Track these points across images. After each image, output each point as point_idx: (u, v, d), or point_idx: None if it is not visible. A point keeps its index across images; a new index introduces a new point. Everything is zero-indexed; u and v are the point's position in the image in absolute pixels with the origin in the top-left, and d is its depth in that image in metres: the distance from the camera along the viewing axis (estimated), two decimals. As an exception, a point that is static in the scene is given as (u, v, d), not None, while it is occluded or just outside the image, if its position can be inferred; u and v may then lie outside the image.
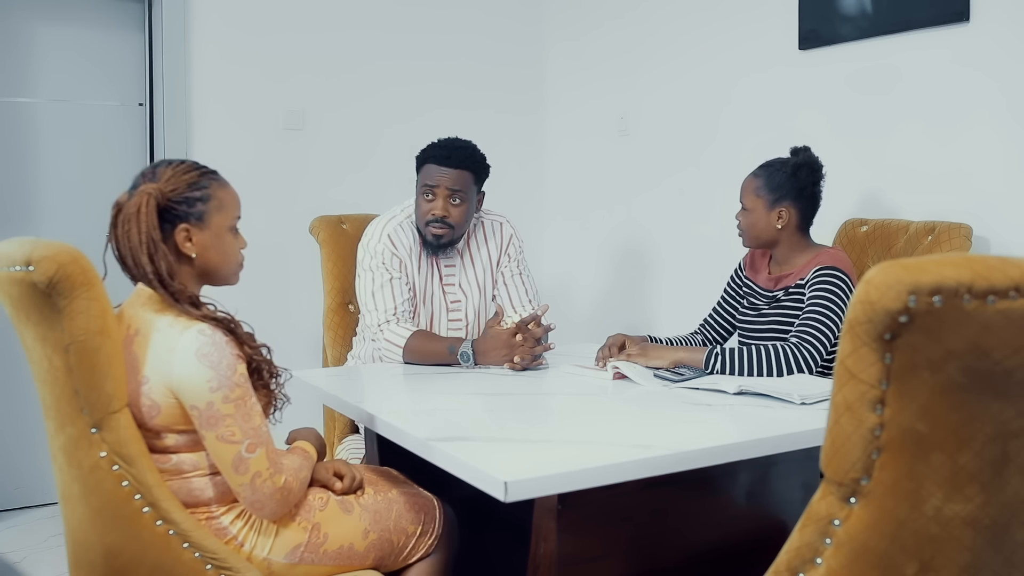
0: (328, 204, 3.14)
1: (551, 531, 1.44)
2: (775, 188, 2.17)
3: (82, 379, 1.33)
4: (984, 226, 2.30)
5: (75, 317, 1.30)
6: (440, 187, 2.29)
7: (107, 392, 1.34)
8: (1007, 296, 0.82)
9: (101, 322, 1.33)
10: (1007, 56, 2.29)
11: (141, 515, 1.37)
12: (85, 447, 1.35)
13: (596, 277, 3.76)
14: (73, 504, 1.41)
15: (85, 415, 1.34)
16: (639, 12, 3.47)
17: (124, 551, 1.38)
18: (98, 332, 1.33)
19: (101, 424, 1.34)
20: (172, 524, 1.38)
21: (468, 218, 2.35)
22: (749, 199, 2.21)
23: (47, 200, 3.28)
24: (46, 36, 3.24)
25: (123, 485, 1.35)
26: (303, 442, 1.69)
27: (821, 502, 0.93)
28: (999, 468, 0.89)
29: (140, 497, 1.36)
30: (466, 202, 2.31)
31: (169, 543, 1.38)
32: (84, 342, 1.31)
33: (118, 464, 1.35)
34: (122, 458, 1.35)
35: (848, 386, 0.87)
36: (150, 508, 1.37)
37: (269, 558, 1.50)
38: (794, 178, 2.17)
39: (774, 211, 2.18)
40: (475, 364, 2.15)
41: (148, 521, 1.37)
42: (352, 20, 3.56)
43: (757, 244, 2.25)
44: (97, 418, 1.34)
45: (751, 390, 1.80)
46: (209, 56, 3.34)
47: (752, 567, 1.24)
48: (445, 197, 2.29)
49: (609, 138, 3.65)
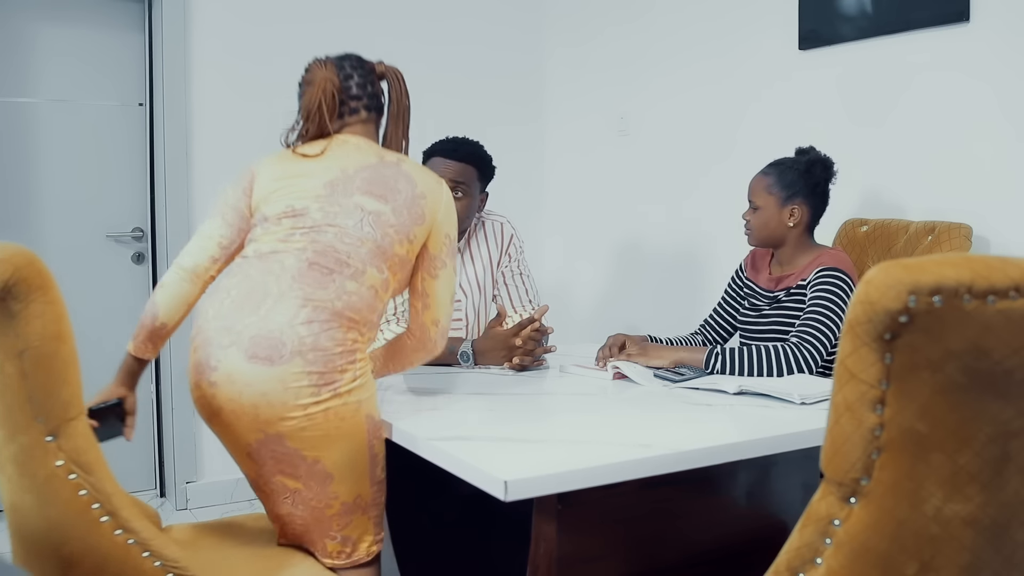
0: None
1: (551, 531, 1.44)
2: (787, 185, 2.17)
3: (37, 386, 1.26)
4: (984, 226, 2.30)
5: (31, 322, 1.24)
6: (444, 179, 2.29)
7: (64, 399, 1.28)
8: (1007, 296, 0.82)
9: (57, 327, 1.27)
10: (1007, 56, 2.29)
11: (100, 524, 1.32)
12: (40, 456, 1.28)
13: (596, 277, 3.76)
14: (24, 515, 1.35)
15: (40, 423, 1.27)
16: (638, 13, 3.47)
17: (83, 561, 1.33)
18: (55, 337, 1.26)
19: (58, 432, 1.28)
20: (132, 533, 1.34)
21: (469, 213, 2.34)
22: (760, 197, 2.20)
23: (47, 200, 3.28)
24: (46, 36, 3.24)
25: (81, 494, 1.30)
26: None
27: (821, 502, 0.93)
28: (999, 468, 0.89)
29: (99, 506, 1.31)
30: (468, 196, 2.31)
31: (129, 552, 1.34)
32: (40, 347, 1.25)
33: (76, 472, 1.29)
34: (80, 466, 1.30)
35: (848, 386, 0.87)
36: (109, 517, 1.32)
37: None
38: (808, 175, 2.17)
39: (786, 208, 2.17)
40: (475, 364, 2.15)
41: (107, 530, 1.32)
42: (352, 21, 3.56)
43: (766, 243, 2.24)
44: (53, 426, 1.28)
45: (751, 390, 1.80)
46: (209, 56, 3.34)
47: (752, 567, 1.24)
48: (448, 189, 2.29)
49: (609, 139, 3.65)
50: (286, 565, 1.64)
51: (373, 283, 1.63)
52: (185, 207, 3.31)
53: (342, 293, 1.59)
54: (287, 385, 1.51)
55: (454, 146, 2.33)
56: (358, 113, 1.80)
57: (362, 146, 1.76)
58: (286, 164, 1.72)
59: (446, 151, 2.32)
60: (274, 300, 1.56)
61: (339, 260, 1.61)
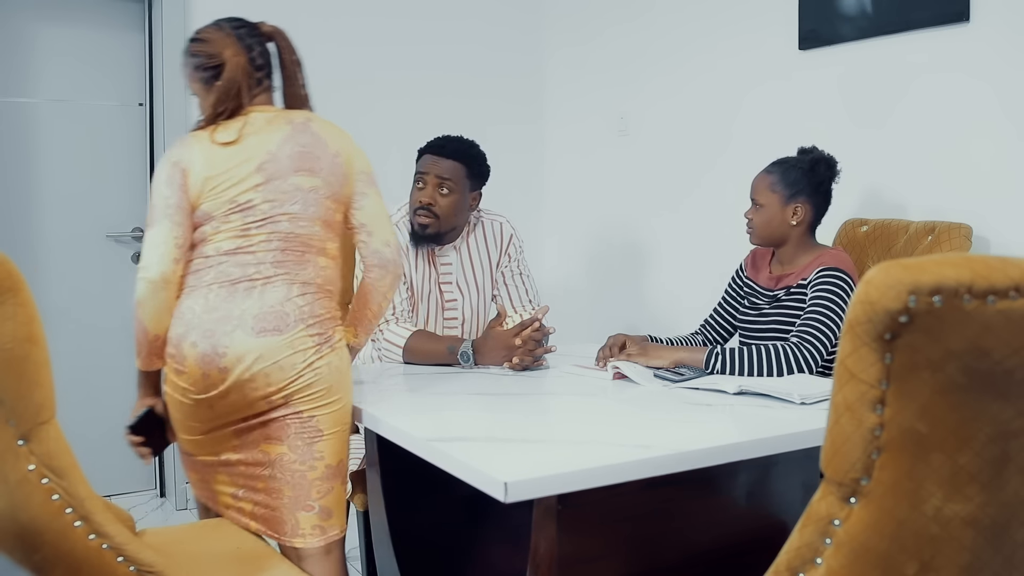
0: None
1: (551, 531, 1.44)
2: (791, 184, 2.17)
3: (9, 389, 1.23)
4: (984, 226, 2.30)
5: (1, 324, 1.21)
6: (430, 175, 2.31)
7: (36, 402, 1.26)
8: (1007, 296, 0.82)
9: (29, 329, 1.24)
10: (1007, 56, 2.29)
11: (73, 529, 1.30)
12: (11, 460, 1.26)
13: (596, 277, 3.76)
14: None
15: (11, 426, 1.25)
16: (638, 15, 3.47)
17: (56, 567, 1.32)
18: (26, 339, 1.23)
19: (29, 436, 1.26)
20: (105, 538, 1.32)
21: (456, 212, 2.34)
22: (763, 195, 2.20)
23: (47, 200, 3.29)
24: (46, 36, 3.24)
25: (53, 499, 1.28)
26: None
27: (821, 502, 0.93)
28: (999, 468, 0.89)
29: (72, 510, 1.29)
30: (455, 194, 2.31)
31: (103, 557, 1.32)
32: (12, 350, 1.22)
33: (48, 477, 1.27)
34: (52, 470, 1.27)
35: (848, 386, 0.87)
36: (82, 522, 1.30)
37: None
38: (812, 173, 2.17)
39: (789, 207, 2.17)
40: (475, 364, 2.15)
41: (80, 535, 1.30)
42: (352, 22, 3.56)
43: (768, 241, 2.24)
44: (25, 429, 1.25)
45: (751, 390, 1.80)
46: (209, 56, 3.33)
47: (752, 567, 1.24)
48: (435, 185, 2.30)
49: (609, 139, 3.65)
50: (263, 568, 1.64)
51: (334, 254, 1.81)
52: (185, 207, 3.30)
53: (319, 269, 1.76)
54: (295, 348, 1.68)
55: (443, 143, 2.35)
56: (262, 83, 1.83)
57: (271, 118, 1.80)
58: (209, 155, 1.74)
59: (435, 148, 2.34)
60: (263, 284, 1.70)
61: (303, 243, 1.75)
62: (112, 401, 3.43)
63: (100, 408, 3.38)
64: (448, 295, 2.43)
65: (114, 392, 3.42)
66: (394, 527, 2.01)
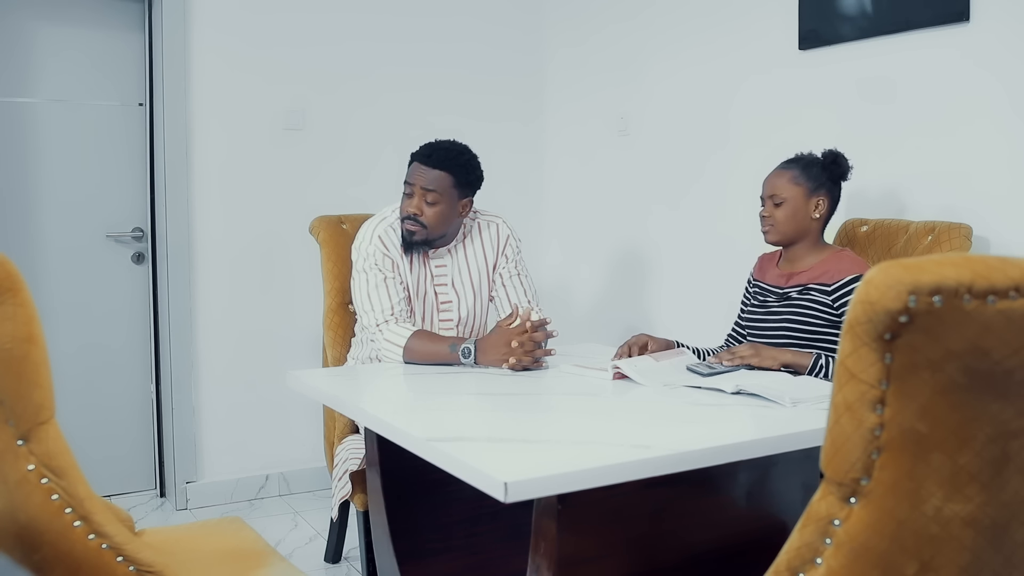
0: (328, 204, 3.15)
1: (551, 531, 1.44)
2: (813, 177, 2.19)
3: (8, 389, 1.24)
4: (984, 226, 2.30)
5: (1, 324, 1.21)
6: (416, 185, 2.30)
7: (35, 402, 1.27)
8: (1007, 296, 0.82)
9: (28, 329, 1.25)
10: (1007, 56, 2.29)
11: (72, 530, 1.30)
12: (11, 461, 1.27)
13: (596, 277, 3.76)
14: None
15: (10, 427, 1.26)
16: (638, 15, 3.47)
17: (56, 567, 1.32)
18: (25, 339, 1.24)
19: (28, 436, 1.26)
20: (105, 538, 1.32)
21: (443, 221, 2.33)
22: (786, 189, 2.19)
23: (47, 200, 3.28)
24: (46, 36, 3.24)
25: (52, 499, 1.28)
26: None
27: (821, 502, 0.93)
28: (999, 468, 0.89)
29: (71, 511, 1.30)
30: (441, 204, 2.31)
31: (102, 557, 1.32)
32: (11, 350, 1.23)
33: (47, 477, 1.28)
34: (52, 471, 1.28)
35: (848, 386, 0.87)
36: (81, 522, 1.30)
37: None
38: (834, 166, 2.20)
39: (813, 199, 2.18)
40: (475, 362, 2.15)
41: (80, 535, 1.31)
42: (353, 22, 3.56)
43: (789, 238, 2.21)
44: (24, 429, 1.26)
45: (748, 390, 1.80)
46: (209, 56, 3.34)
47: (752, 567, 1.24)
48: (420, 196, 2.30)
49: (609, 139, 3.65)
50: (263, 567, 1.64)
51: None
52: (185, 207, 3.30)
53: None
54: None
55: (430, 151, 2.32)
56: None
57: None
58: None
59: (422, 157, 2.32)
60: None
61: None
62: (112, 401, 3.43)
63: (100, 408, 3.38)
64: (443, 296, 2.42)
65: (114, 392, 3.43)
66: (394, 527, 2.01)
